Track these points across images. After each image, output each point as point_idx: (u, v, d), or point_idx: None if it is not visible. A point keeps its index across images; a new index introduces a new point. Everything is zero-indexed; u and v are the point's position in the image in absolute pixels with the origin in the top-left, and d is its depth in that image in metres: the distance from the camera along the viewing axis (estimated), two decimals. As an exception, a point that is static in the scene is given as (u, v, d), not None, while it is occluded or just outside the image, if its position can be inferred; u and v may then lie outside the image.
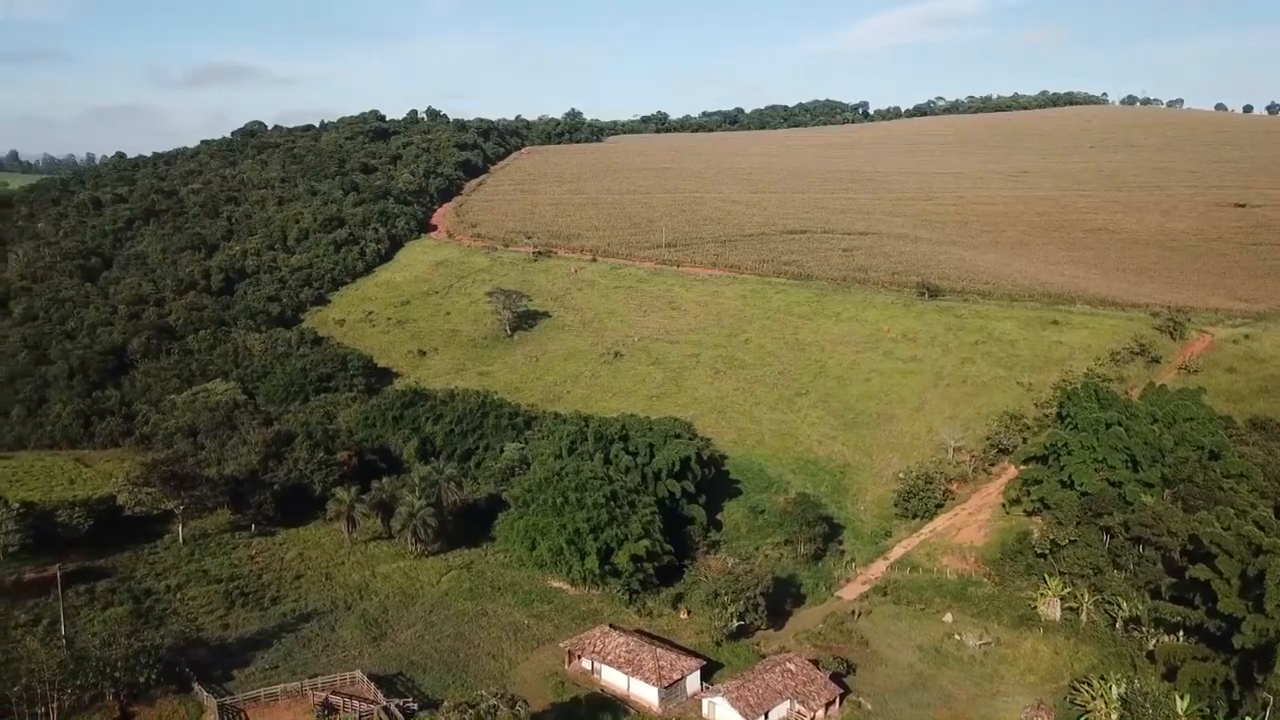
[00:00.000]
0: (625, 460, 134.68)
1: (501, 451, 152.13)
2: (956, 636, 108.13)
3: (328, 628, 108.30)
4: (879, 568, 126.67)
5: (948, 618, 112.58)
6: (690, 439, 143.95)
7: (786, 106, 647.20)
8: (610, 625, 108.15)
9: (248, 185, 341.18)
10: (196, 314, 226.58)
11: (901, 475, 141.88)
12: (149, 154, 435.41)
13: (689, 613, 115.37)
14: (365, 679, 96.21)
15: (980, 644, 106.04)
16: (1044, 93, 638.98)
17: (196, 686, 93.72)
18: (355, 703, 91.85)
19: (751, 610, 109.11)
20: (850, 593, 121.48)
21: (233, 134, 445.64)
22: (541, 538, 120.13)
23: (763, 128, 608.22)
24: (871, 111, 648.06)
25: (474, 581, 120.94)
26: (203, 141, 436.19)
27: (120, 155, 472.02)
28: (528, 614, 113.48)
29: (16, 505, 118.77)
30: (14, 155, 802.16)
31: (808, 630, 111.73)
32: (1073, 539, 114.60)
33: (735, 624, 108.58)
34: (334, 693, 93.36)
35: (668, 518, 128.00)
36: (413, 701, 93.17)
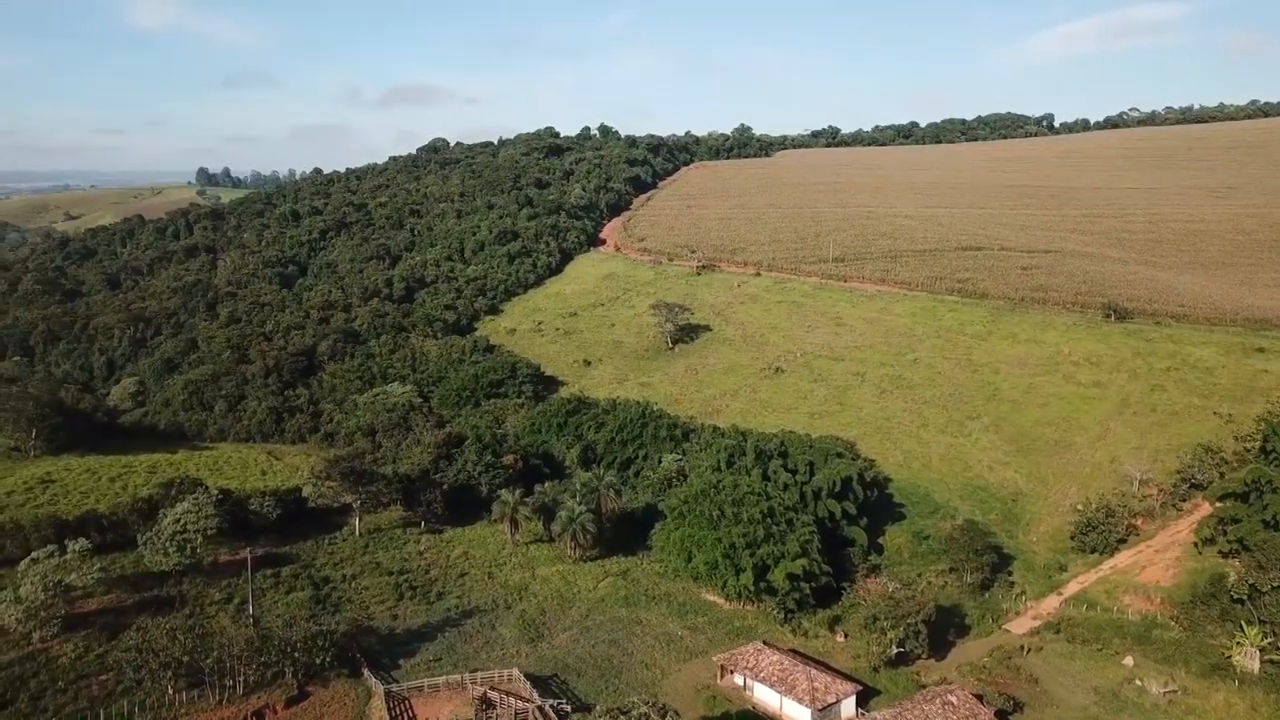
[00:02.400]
0: (784, 477, 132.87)
1: (660, 462, 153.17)
2: (1138, 682, 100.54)
3: (488, 625, 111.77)
4: (1051, 603, 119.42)
5: (1128, 661, 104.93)
6: (852, 459, 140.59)
7: (964, 120, 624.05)
8: (764, 642, 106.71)
9: (430, 199, 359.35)
10: (379, 320, 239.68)
11: (1080, 507, 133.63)
12: (343, 169, 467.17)
13: (846, 636, 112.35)
14: (522, 677, 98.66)
15: (1164, 692, 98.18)
16: (1253, 102, 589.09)
17: (366, 672, 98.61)
18: (512, 700, 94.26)
19: (912, 637, 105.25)
20: (1019, 627, 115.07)
21: (418, 150, 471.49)
22: (697, 550, 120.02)
23: (938, 142, 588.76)
24: (1057, 124, 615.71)
25: (630, 589, 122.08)
26: (391, 158, 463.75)
27: (317, 171, 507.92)
28: (681, 625, 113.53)
29: (216, 492, 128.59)
30: (226, 172, 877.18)
31: (971, 663, 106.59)
32: (1276, 585, 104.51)
33: (894, 650, 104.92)
34: (492, 688, 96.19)
35: (826, 538, 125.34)
36: (566, 703, 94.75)
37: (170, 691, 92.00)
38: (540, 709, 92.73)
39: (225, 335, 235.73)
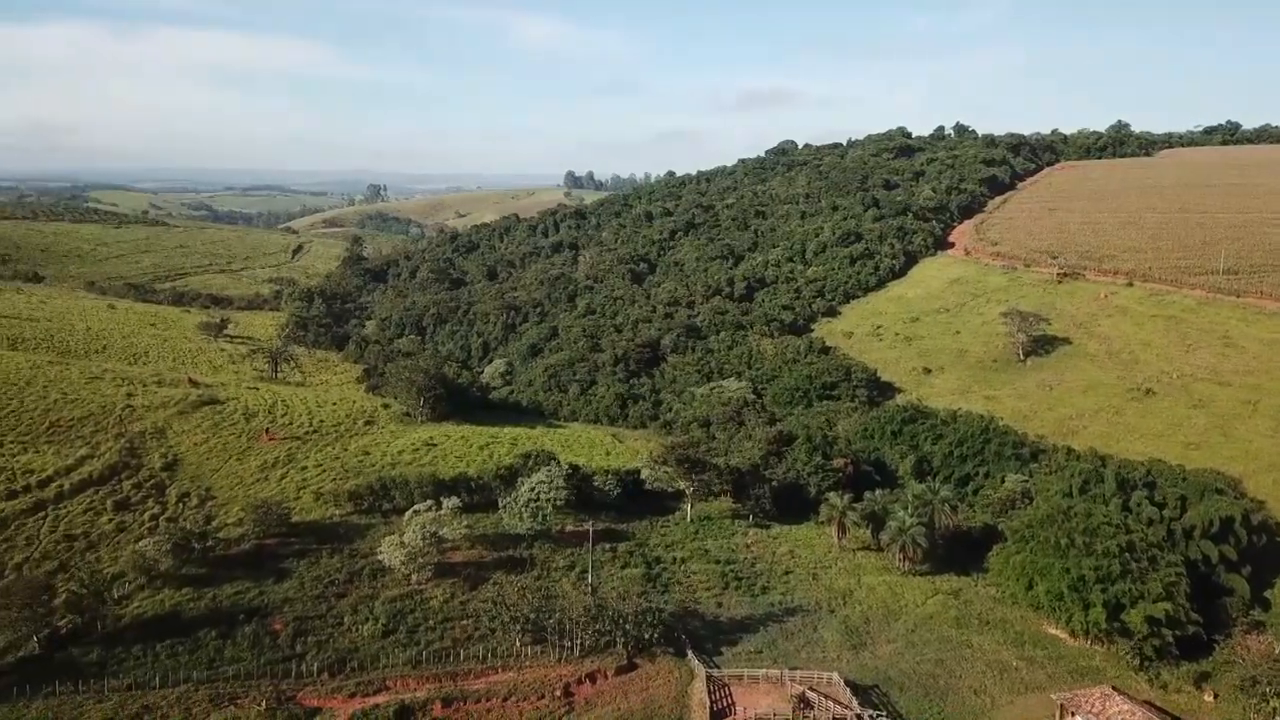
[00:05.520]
0: (1148, 511, 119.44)
1: (1002, 481, 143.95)
2: None
3: (810, 626, 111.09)
4: None
5: None
6: (1235, 498, 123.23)
7: None
8: (1114, 688, 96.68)
9: (775, 200, 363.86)
10: (719, 317, 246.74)
11: None
12: (694, 173, 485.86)
13: (1216, 696, 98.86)
14: (842, 683, 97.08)
15: None
16: None
17: (690, 654, 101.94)
18: (830, 703, 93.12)
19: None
20: None
21: (765, 153, 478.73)
22: (1040, 578, 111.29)
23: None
24: None
25: (961, 610, 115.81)
26: (739, 160, 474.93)
27: (670, 174, 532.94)
28: (1017, 656, 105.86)
29: (566, 466, 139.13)
30: (590, 175, 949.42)
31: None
32: None
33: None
34: (811, 688, 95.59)
35: (1197, 583, 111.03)
36: (885, 716, 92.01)
37: (518, 644, 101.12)
38: (859, 718, 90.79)
39: (581, 325, 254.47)
